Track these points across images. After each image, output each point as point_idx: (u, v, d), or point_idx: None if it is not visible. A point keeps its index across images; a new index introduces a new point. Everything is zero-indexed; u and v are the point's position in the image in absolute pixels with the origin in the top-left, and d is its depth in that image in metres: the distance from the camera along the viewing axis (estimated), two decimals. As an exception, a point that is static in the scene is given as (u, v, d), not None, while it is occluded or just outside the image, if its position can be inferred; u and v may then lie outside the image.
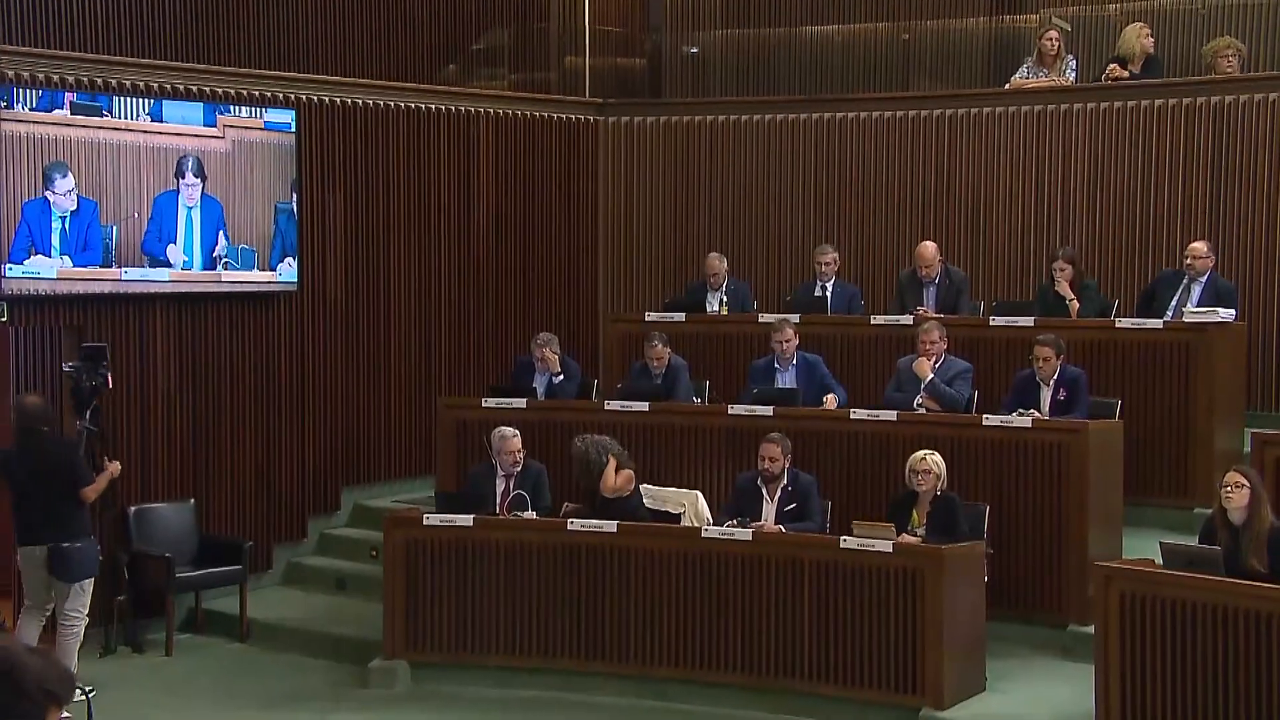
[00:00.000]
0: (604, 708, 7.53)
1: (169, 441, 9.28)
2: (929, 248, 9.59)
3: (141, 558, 8.83)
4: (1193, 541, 6.76)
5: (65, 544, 7.41)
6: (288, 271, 9.61)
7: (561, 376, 9.40)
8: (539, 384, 9.35)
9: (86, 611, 7.64)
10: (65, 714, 2.64)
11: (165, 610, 8.82)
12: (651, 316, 9.98)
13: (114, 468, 7.91)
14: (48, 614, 7.69)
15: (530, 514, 8.04)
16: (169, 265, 9.01)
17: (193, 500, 9.33)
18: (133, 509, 9.01)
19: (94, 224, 8.66)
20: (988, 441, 7.98)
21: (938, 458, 7.57)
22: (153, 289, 9.03)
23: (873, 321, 9.48)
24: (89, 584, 7.59)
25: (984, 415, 8.18)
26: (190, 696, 7.89)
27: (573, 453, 7.97)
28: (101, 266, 8.70)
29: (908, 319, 9.25)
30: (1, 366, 9.05)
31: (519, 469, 8.24)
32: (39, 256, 8.43)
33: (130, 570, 8.69)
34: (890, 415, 8.32)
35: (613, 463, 7.88)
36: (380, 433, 10.42)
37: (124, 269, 8.81)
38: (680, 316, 9.84)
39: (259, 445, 9.77)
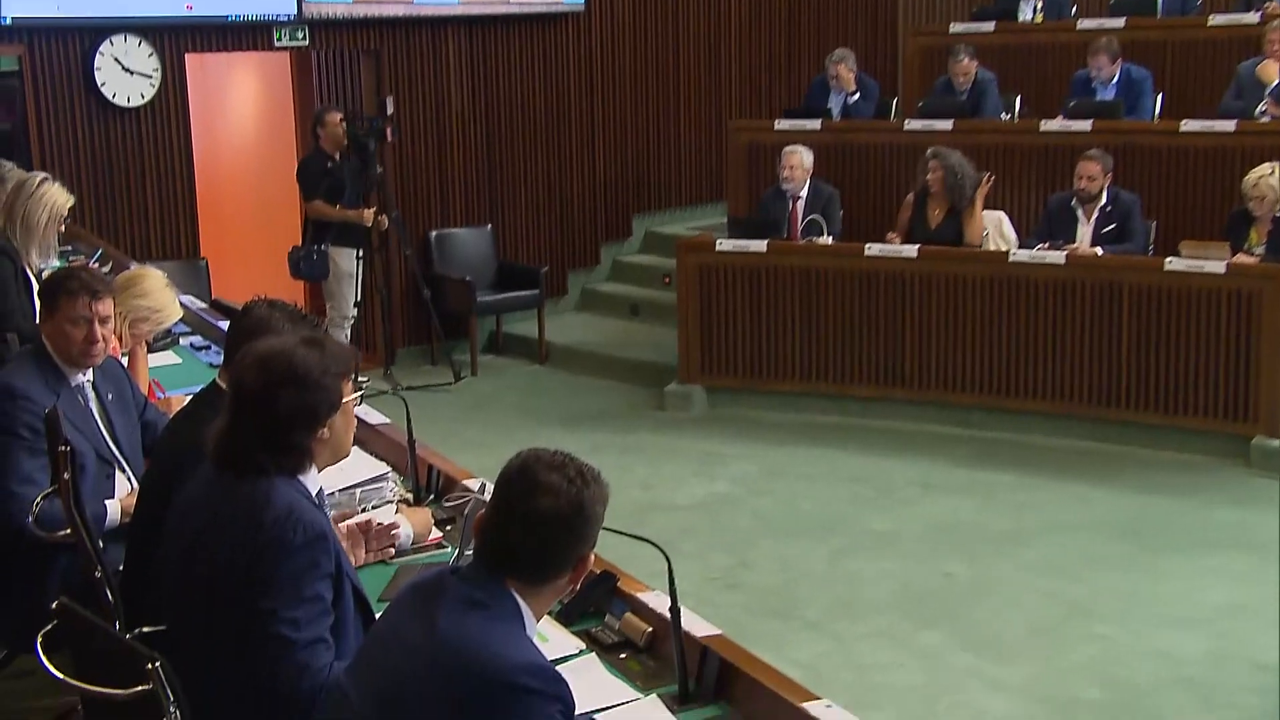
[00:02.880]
0: (903, 434, 7.38)
1: (464, 167, 9.36)
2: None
3: (443, 281, 9.05)
4: None
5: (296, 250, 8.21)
6: (573, -9, 9.38)
7: (858, 95, 8.92)
8: (834, 104, 8.91)
9: (342, 314, 8.24)
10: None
11: (468, 332, 9.09)
12: (956, 28, 9.27)
13: (367, 214, 8.23)
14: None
15: (825, 239, 7.77)
16: (456, -12, 8.94)
17: (489, 226, 9.47)
18: (433, 233, 9.22)
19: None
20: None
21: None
22: (444, 11, 8.98)
23: (1210, 23, 8.48)
24: (333, 287, 8.27)
25: (1338, 123, 7.25)
26: (495, 412, 8.15)
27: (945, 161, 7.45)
28: (393, -10, 8.70)
29: (1253, 17, 8.22)
30: (305, 89, 9.27)
31: (811, 192, 7.95)
32: (337, -19, 8.48)
33: (434, 292, 8.91)
34: (1227, 126, 7.48)
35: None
36: (670, 158, 10.25)
37: (416, -8, 8.79)
38: (989, 26, 9.09)
39: (551, 172, 9.75)
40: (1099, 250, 7.13)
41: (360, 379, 2.69)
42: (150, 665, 2.09)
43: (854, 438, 7.39)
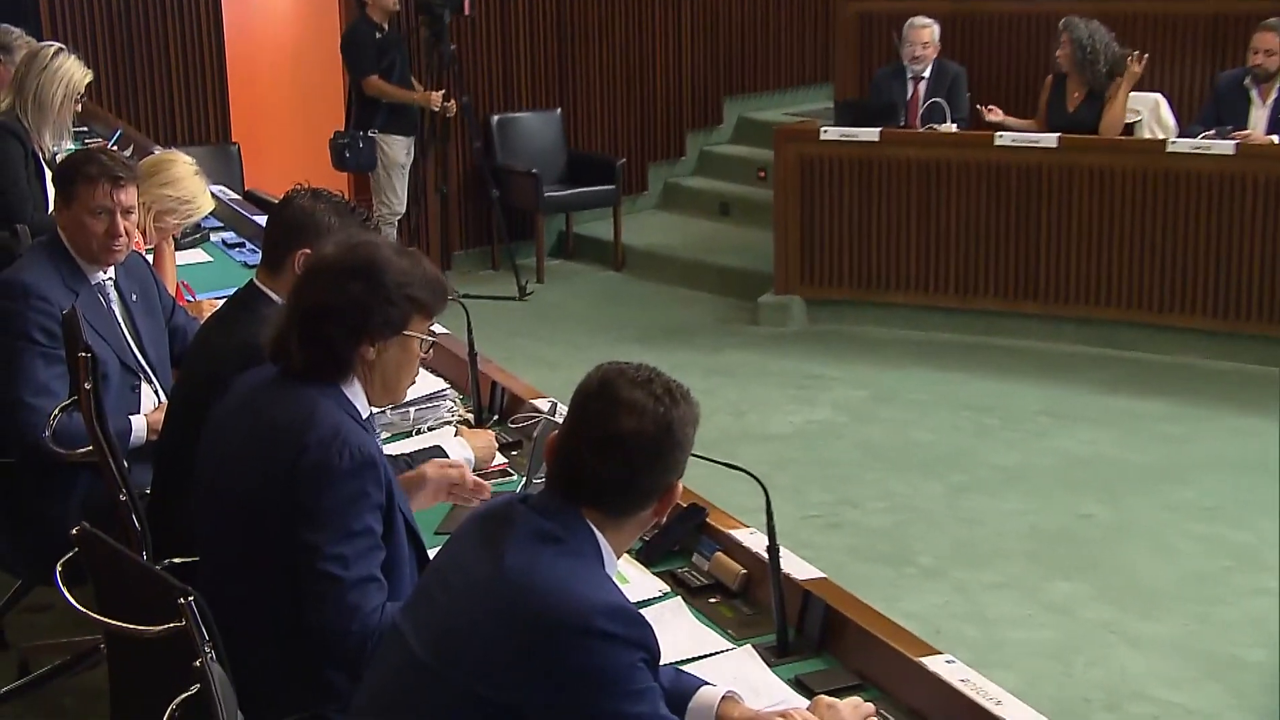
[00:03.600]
0: (1035, 355, 7.30)
1: (531, 41, 9.29)
2: None
3: (506, 174, 9.04)
4: None
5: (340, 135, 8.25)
6: None
7: (989, -42, 8.70)
8: (961, -32, 8.72)
9: (392, 210, 8.26)
10: (440, 329, 2.64)
11: (534, 234, 9.09)
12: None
13: (434, 97, 8.26)
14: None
15: (949, 126, 7.63)
16: None
17: (559, 110, 9.42)
18: (495, 118, 9.19)
19: None
20: None
21: None
22: None
23: None
24: (381, 180, 8.28)
25: None
26: (563, 325, 8.16)
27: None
28: None
29: None
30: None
31: (935, 72, 7.80)
32: None
33: (497, 186, 8.89)
34: None
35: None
36: (768, 33, 10.10)
37: None
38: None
39: (630, 48, 9.66)
40: (1276, 139, 6.95)
41: (435, 329, 2.69)
42: (182, 600, 2.11)
43: (977, 358, 7.32)
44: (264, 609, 2.51)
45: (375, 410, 2.74)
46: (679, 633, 2.65)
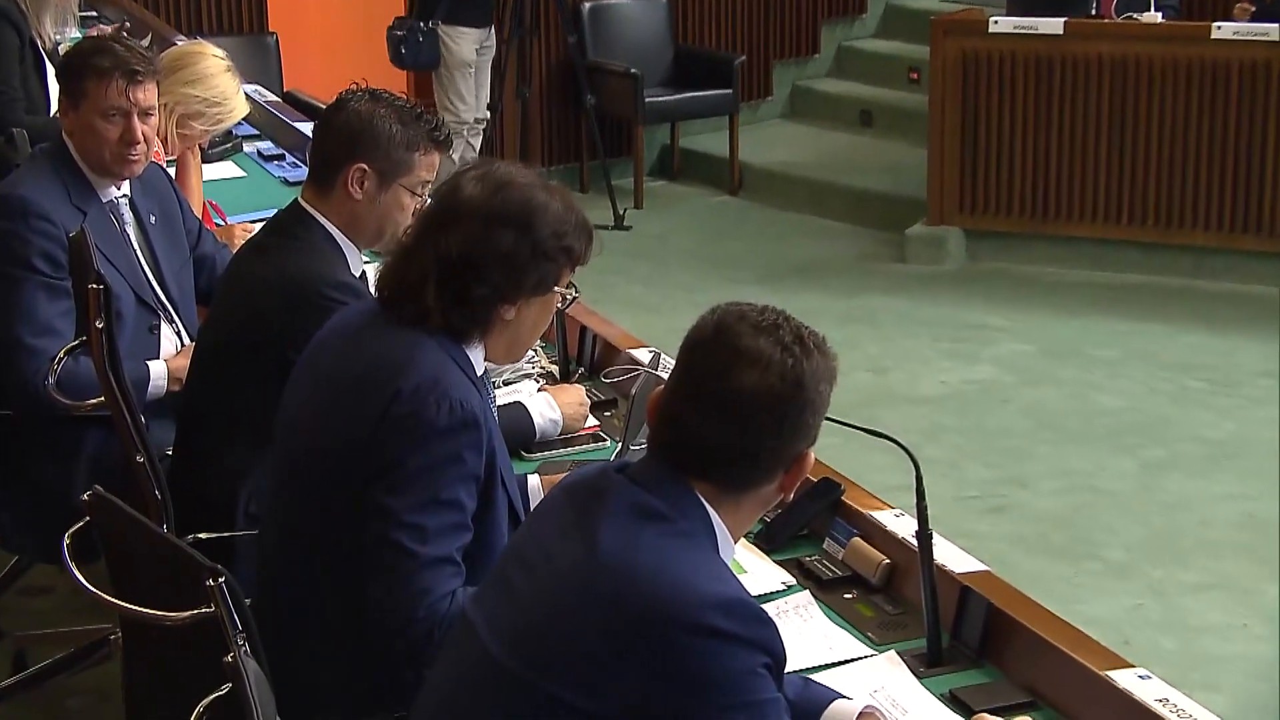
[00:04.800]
0: (1254, 302, 7.24)
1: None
2: None
3: (599, 74, 9.05)
4: None
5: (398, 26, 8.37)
6: None
7: None
8: None
9: (459, 117, 8.33)
10: (573, 291, 2.67)
11: (632, 148, 9.08)
12: None
13: None
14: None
15: (1153, 15, 7.55)
16: None
17: (665, -2, 9.41)
18: (587, 5, 9.17)
19: None
20: None
21: None
22: None
23: None
24: (445, 80, 8.40)
25: None
26: (667, 261, 8.17)
27: None
28: None
29: None
30: None
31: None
32: None
33: (591, 89, 8.88)
34: None
35: None
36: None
37: None
38: None
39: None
40: None
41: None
42: (212, 581, 2.15)
43: (1180, 306, 7.27)
44: (328, 596, 2.56)
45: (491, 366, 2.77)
46: (807, 634, 2.66)
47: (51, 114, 5.07)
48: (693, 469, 2.11)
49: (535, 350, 3.77)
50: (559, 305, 2.69)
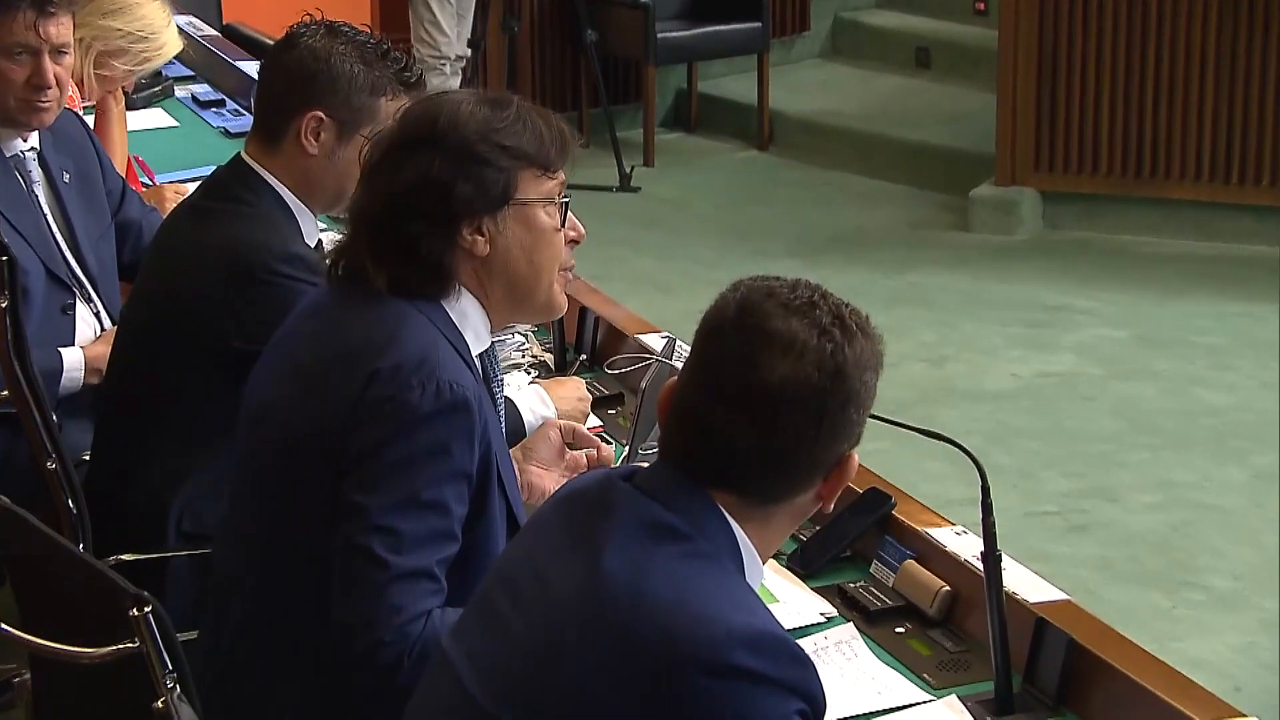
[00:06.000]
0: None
1: None
2: None
3: (605, 3, 9.04)
4: None
5: None
6: None
7: None
8: None
9: (437, 52, 8.48)
10: (564, 194, 2.66)
11: (642, 94, 9.11)
12: None
13: None
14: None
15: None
16: None
17: (680, -89, 9.42)
18: (586, -77, 9.19)
19: None
20: None
21: None
22: None
23: None
24: (420, 8, 8.56)
25: None
26: (682, 228, 8.18)
27: None
28: None
29: None
30: None
31: None
32: None
33: (593, 22, 8.87)
34: None
35: None
36: None
37: None
38: None
39: None
40: None
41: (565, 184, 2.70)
42: (137, 611, 2.16)
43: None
44: (268, 597, 2.56)
45: (500, 336, 2.77)
46: (851, 675, 2.67)
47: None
48: (713, 477, 2.11)
49: (526, 336, 3.78)
50: (558, 225, 2.66)
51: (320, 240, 3.32)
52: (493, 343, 2.75)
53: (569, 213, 2.69)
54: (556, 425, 3.07)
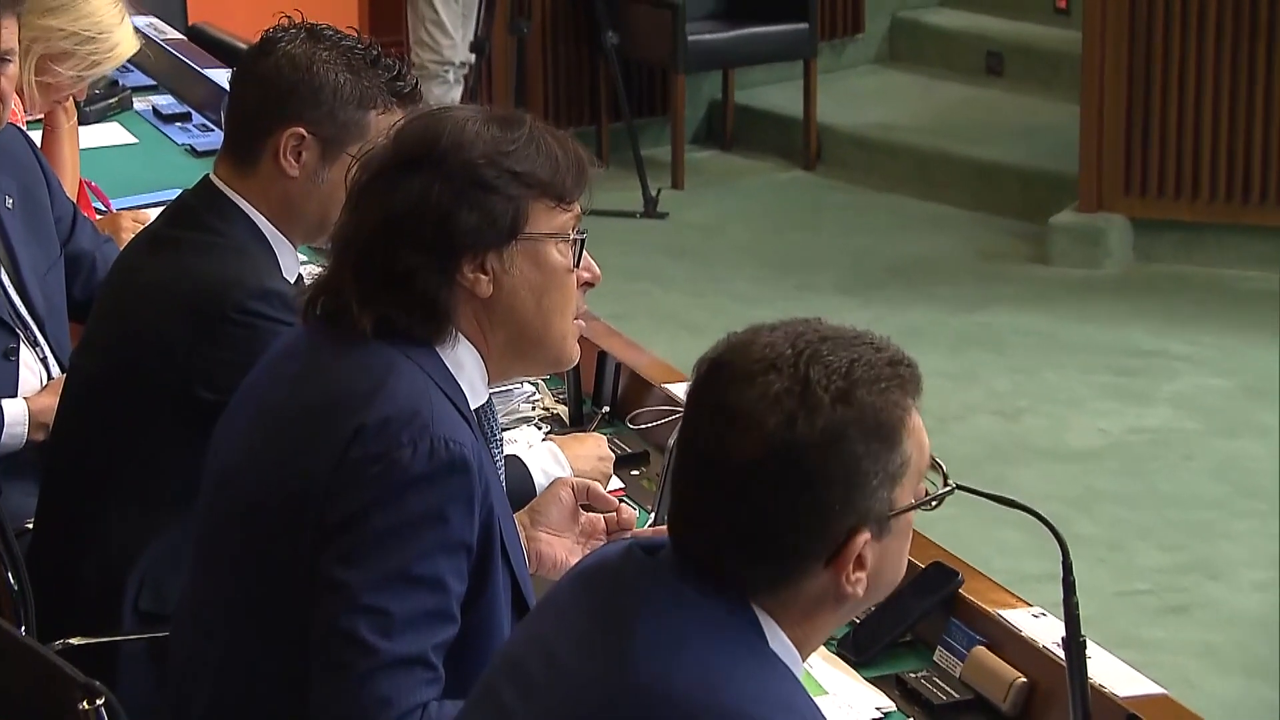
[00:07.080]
0: None
1: None
2: None
3: (626, 2, 9.07)
4: None
5: None
6: None
7: None
8: None
9: (439, 57, 8.55)
10: (580, 230, 2.66)
11: (670, 105, 9.15)
12: None
13: None
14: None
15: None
16: None
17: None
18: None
19: None
20: None
21: None
22: None
23: None
24: (421, 8, 8.58)
25: None
26: (714, 262, 8.20)
27: None
28: None
29: None
30: None
31: None
32: None
33: (614, 22, 8.89)
34: None
35: None
36: None
37: None
38: None
39: None
40: None
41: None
42: (87, 704, 2.17)
43: None
44: (260, 713, 2.57)
45: (500, 389, 2.75)
46: (913, 781, 2.68)
47: None
48: (710, 563, 2.11)
49: (536, 385, 3.79)
50: (572, 264, 2.65)
51: (300, 275, 3.33)
52: (490, 397, 2.74)
53: (584, 251, 2.68)
54: (569, 484, 3.07)
